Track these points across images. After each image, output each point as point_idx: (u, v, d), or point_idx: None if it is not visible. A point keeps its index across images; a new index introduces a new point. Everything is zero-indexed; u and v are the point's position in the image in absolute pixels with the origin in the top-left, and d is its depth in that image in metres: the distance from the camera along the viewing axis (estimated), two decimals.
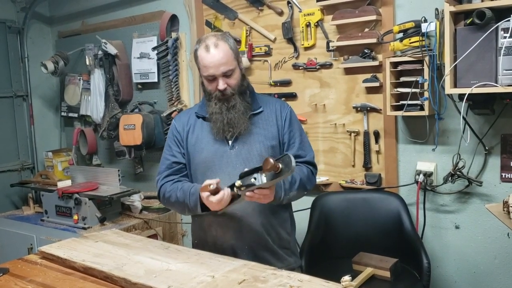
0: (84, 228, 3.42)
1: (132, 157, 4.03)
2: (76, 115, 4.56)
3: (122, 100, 4.11)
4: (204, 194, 1.92)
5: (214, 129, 2.09)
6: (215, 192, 1.89)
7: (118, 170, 3.68)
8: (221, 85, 2.03)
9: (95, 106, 4.20)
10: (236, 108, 2.06)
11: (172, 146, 2.18)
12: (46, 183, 4.10)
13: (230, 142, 2.10)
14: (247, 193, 1.86)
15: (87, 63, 4.18)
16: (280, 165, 1.77)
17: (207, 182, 1.92)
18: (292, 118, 2.18)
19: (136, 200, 3.78)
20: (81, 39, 4.39)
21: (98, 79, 4.16)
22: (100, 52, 4.09)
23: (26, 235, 3.74)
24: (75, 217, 3.52)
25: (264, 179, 1.81)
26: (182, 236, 3.92)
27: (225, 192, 1.90)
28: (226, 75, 2.03)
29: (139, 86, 4.08)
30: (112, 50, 3.97)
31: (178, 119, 2.23)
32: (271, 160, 1.75)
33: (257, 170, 1.83)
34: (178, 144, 2.17)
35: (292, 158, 1.76)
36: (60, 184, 3.72)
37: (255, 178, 1.83)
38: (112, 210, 3.65)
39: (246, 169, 1.87)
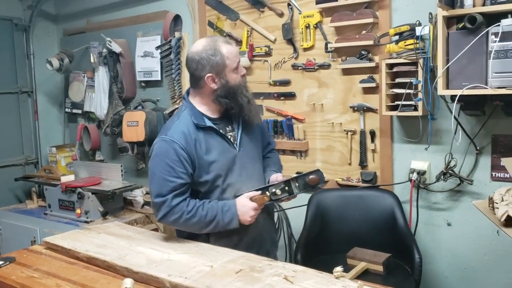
0: (86, 222, 3.48)
1: (134, 153, 4.10)
2: (80, 111, 4.62)
3: (126, 97, 4.17)
4: (253, 205, 2.08)
5: (253, 113, 2.19)
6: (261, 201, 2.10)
7: (121, 166, 3.75)
8: (244, 69, 2.17)
9: (99, 103, 4.26)
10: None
11: (175, 168, 2.04)
12: (50, 177, 4.16)
13: (235, 144, 2.17)
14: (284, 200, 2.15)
15: (92, 60, 4.23)
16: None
17: (250, 194, 2.10)
18: None
19: (138, 195, 3.85)
20: (86, 37, 4.46)
21: (102, 76, 4.22)
22: (104, 50, 4.14)
23: (29, 228, 3.81)
24: (78, 211, 3.59)
25: (297, 190, 2.12)
26: None
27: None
28: None
29: (143, 84, 4.15)
30: (116, 48, 4.04)
31: (176, 137, 2.06)
32: (315, 177, 2.09)
33: (287, 181, 2.12)
34: (183, 164, 2.05)
35: (323, 174, 2.13)
36: (64, 179, 3.78)
37: (288, 188, 2.12)
38: (114, 204, 3.72)
39: (279, 179, 2.18)
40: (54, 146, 4.62)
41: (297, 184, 2.11)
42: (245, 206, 2.08)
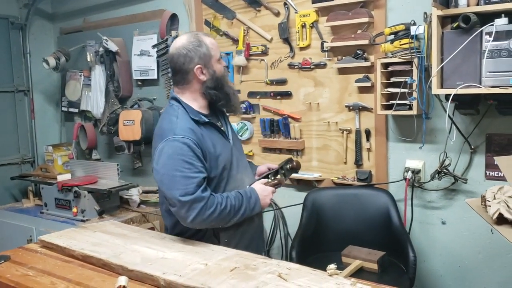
0: (83, 221, 3.47)
1: (131, 152, 4.11)
2: (76, 110, 4.63)
3: (122, 96, 4.18)
4: (271, 189, 2.22)
5: (237, 105, 2.26)
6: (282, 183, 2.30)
7: (117, 165, 3.75)
8: (223, 61, 2.21)
9: (95, 101, 4.27)
10: None
11: (194, 163, 1.99)
12: (46, 176, 4.16)
13: (228, 138, 2.22)
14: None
15: (88, 59, 4.24)
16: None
17: (263, 181, 2.23)
18: None
19: (134, 194, 3.85)
20: (83, 36, 4.47)
21: (98, 75, 4.23)
22: (101, 49, 4.15)
23: (25, 227, 3.81)
24: (74, 209, 3.59)
25: (283, 176, 2.33)
26: None
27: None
28: None
29: (139, 83, 4.16)
30: (113, 47, 4.04)
31: (187, 134, 2.03)
32: (295, 163, 2.34)
33: (277, 169, 2.32)
34: (200, 159, 2.03)
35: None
36: (60, 178, 3.78)
37: (279, 175, 2.31)
38: (110, 203, 3.71)
39: (272, 167, 2.34)
40: (50, 145, 4.62)
41: (283, 172, 2.32)
42: (265, 191, 2.19)
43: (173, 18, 3.87)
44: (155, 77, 4.01)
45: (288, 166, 2.32)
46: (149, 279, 1.73)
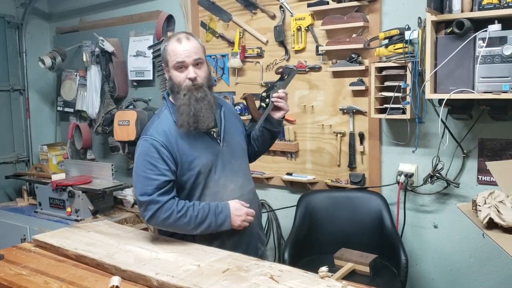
0: (76, 220, 3.49)
1: (125, 153, 4.09)
2: (71, 110, 4.62)
3: (118, 96, 4.18)
4: (247, 210, 2.17)
5: (179, 121, 2.09)
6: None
7: (112, 165, 3.75)
8: (192, 73, 2.08)
9: (90, 101, 4.26)
10: (206, 100, 2.10)
11: (157, 165, 2.05)
12: (41, 175, 4.16)
13: (218, 140, 2.19)
14: (274, 95, 2.30)
15: (84, 59, 4.23)
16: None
17: (243, 202, 2.18)
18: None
19: (128, 195, 3.86)
20: (79, 36, 4.47)
21: (94, 75, 4.23)
22: (97, 49, 4.15)
23: (19, 226, 3.82)
24: (68, 209, 3.60)
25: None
26: None
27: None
28: (196, 63, 2.10)
29: (134, 83, 4.16)
30: (109, 47, 4.04)
31: (156, 136, 2.08)
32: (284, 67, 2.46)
33: (270, 89, 2.35)
34: (166, 162, 2.06)
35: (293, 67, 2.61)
36: (54, 177, 3.79)
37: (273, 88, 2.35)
38: (104, 203, 3.73)
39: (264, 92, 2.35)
40: (45, 144, 4.62)
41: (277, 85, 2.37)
42: (239, 210, 2.15)
43: (170, 19, 3.87)
44: (151, 78, 4.01)
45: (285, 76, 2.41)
46: (142, 280, 1.75)
